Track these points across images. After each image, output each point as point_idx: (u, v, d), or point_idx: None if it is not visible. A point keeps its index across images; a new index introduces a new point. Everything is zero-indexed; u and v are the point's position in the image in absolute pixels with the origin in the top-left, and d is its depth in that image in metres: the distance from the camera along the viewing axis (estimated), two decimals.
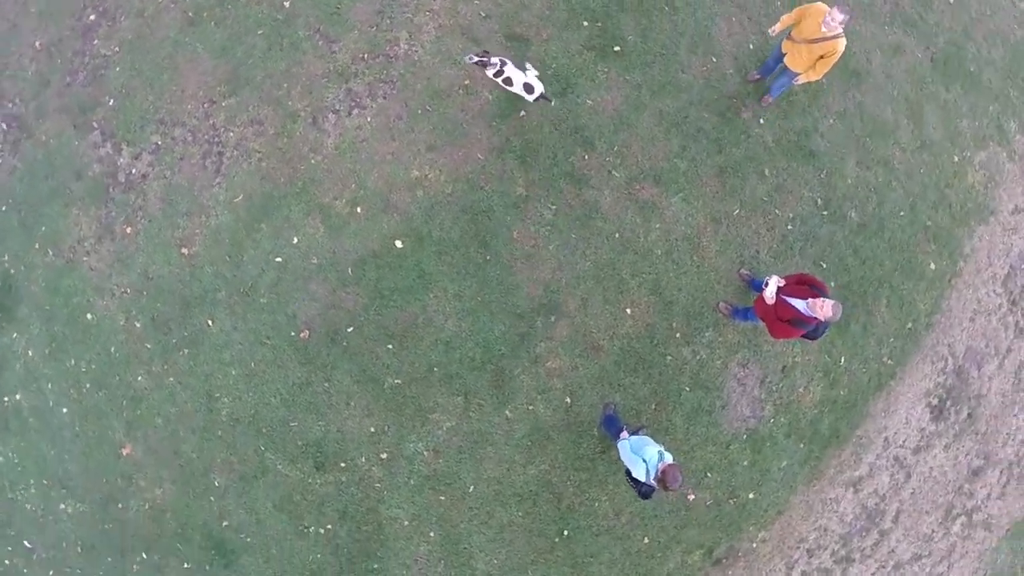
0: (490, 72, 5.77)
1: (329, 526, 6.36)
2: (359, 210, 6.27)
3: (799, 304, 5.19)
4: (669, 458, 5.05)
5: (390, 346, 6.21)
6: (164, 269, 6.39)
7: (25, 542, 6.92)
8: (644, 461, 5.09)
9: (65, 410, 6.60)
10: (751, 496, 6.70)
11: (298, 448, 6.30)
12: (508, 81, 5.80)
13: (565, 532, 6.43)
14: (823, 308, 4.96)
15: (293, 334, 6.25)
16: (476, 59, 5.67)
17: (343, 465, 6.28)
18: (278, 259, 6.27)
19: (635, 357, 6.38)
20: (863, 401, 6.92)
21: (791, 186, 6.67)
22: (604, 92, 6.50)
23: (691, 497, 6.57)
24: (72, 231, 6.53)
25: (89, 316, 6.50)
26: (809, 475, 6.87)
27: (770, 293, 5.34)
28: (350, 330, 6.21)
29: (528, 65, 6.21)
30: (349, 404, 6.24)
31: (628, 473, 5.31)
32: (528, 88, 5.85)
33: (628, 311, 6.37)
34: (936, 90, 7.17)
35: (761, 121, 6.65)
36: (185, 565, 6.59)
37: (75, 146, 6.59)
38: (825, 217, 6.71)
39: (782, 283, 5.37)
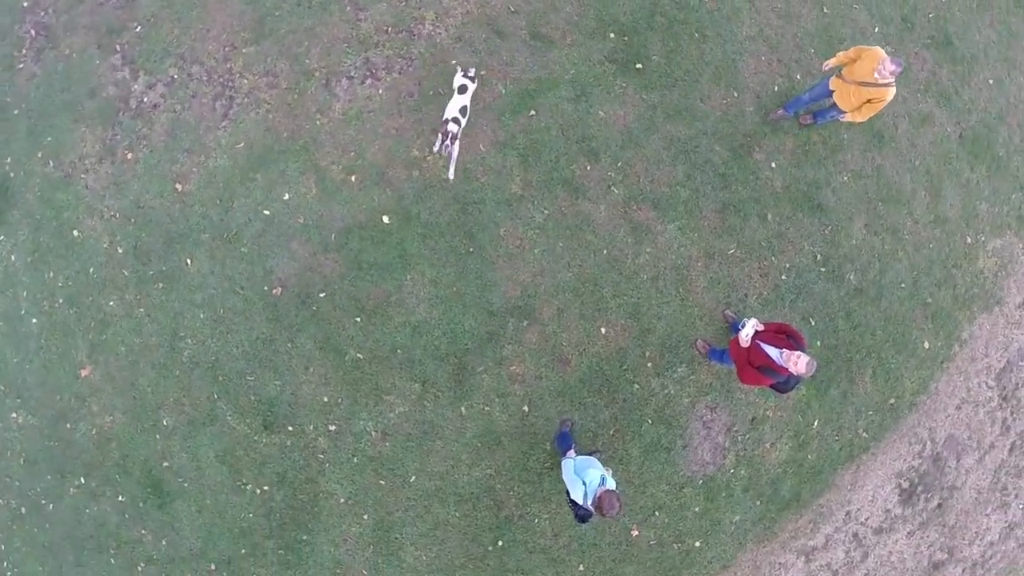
0: (457, 123, 5.89)
1: (266, 487, 6.28)
2: (353, 178, 6.25)
3: (773, 352, 5.03)
4: (611, 484, 4.90)
5: (358, 319, 6.15)
6: (156, 201, 6.42)
7: None
8: (584, 483, 4.94)
9: (35, 321, 6.63)
10: (697, 544, 6.48)
11: (250, 403, 6.25)
12: (464, 110, 5.92)
13: (500, 542, 6.27)
14: (797, 362, 4.78)
15: (266, 289, 6.22)
16: (452, 138, 5.87)
17: (291, 429, 6.21)
18: (266, 212, 6.27)
19: (602, 378, 6.23)
20: (830, 470, 6.68)
21: (792, 236, 6.50)
22: (618, 107, 6.42)
23: (635, 533, 6.37)
24: (76, 147, 6.61)
25: (75, 233, 6.54)
26: (761, 535, 6.64)
27: (746, 335, 5.18)
28: (322, 295, 6.17)
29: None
30: (308, 369, 6.19)
31: (568, 493, 5.16)
32: (461, 89, 5.92)
33: (603, 330, 6.24)
34: (960, 167, 6.97)
35: (773, 165, 6.51)
36: (120, 498, 6.56)
37: (95, 65, 6.68)
38: (822, 274, 6.52)
39: (760, 328, 5.21)
